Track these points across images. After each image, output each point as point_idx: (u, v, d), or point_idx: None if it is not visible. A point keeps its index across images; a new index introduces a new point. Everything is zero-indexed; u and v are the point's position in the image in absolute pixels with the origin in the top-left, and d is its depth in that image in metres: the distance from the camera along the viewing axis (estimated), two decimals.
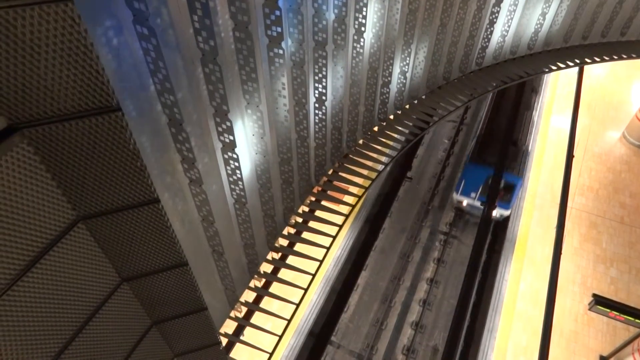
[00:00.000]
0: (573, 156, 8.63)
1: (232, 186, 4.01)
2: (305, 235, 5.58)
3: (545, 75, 13.87)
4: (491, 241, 10.40)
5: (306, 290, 5.39)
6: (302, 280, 5.34)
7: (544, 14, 7.21)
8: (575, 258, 10.13)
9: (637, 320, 8.17)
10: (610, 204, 11.08)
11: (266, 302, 5.34)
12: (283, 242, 5.40)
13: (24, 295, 2.43)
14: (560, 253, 7.07)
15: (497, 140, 11.17)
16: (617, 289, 9.61)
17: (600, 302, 8.43)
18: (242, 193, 4.09)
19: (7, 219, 2.18)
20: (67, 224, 2.53)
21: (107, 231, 2.80)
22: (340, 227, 5.64)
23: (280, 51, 3.69)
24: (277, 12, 3.41)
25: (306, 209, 5.65)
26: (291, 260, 5.41)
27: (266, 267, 5.26)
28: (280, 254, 5.39)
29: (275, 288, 5.28)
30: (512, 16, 6.91)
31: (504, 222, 10.67)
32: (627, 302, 9.23)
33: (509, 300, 9.46)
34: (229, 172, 3.88)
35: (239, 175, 3.92)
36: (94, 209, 2.64)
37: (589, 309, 8.87)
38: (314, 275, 5.39)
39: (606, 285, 9.68)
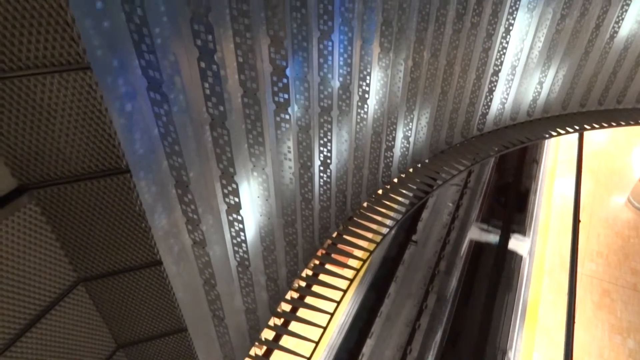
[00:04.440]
0: (579, 221, 8.56)
1: (236, 248, 3.97)
2: (309, 300, 5.43)
3: (546, 142, 14.06)
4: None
5: (309, 359, 5.15)
6: (305, 348, 5.12)
7: (540, 83, 7.49)
8: (590, 327, 9.71)
9: None
10: (622, 271, 10.80)
11: None
12: (286, 307, 5.24)
13: (20, 358, 2.34)
14: (574, 322, 6.80)
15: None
16: None
17: None
18: (245, 255, 4.04)
19: (7, 279, 2.15)
20: (67, 285, 2.49)
21: (107, 294, 2.74)
22: (345, 291, 5.49)
23: (287, 116, 3.81)
24: (285, 80, 3.56)
25: (310, 273, 5.54)
26: (294, 326, 5.22)
27: (268, 334, 5.07)
28: (282, 319, 5.22)
29: (276, 356, 5.05)
30: (510, 85, 7.18)
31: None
32: None
33: None
34: (233, 234, 3.86)
35: (242, 237, 3.89)
36: (95, 271, 2.61)
37: None
38: (317, 343, 5.17)
39: (624, 358, 9.18)
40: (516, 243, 10.69)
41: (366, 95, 5.09)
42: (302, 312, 5.27)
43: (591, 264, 10.98)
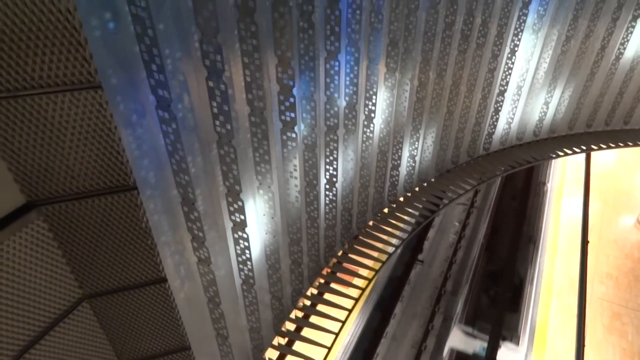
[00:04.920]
0: (588, 242, 8.44)
1: (241, 266, 3.96)
2: (314, 319, 5.37)
3: (553, 160, 13.81)
4: None
5: None
6: None
7: (547, 103, 7.50)
8: (601, 352, 9.49)
9: None
10: (632, 293, 10.60)
11: None
12: (290, 326, 5.19)
13: None
14: (584, 345, 6.65)
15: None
16: None
17: None
18: (250, 273, 4.02)
19: (14, 295, 2.16)
20: (72, 302, 2.49)
21: (111, 311, 2.74)
22: (350, 311, 5.43)
23: (293, 135, 3.84)
24: (292, 99, 3.60)
25: (315, 292, 5.49)
26: (298, 346, 5.16)
27: (271, 354, 5.00)
28: (286, 339, 5.16)
29: None
30: (516, 105, 7.20)
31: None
32: None
33: None
34: (239, 251, 3.85)
35: (248, 255, 3.88)
36: (100, 288, 2.61)
37: None
38: None
39: None
40: (506, 354, 8.95)
41: (372, 115, 5.12)
42: (306, 332, 5.21)
43: (601, 286, 10.80)
